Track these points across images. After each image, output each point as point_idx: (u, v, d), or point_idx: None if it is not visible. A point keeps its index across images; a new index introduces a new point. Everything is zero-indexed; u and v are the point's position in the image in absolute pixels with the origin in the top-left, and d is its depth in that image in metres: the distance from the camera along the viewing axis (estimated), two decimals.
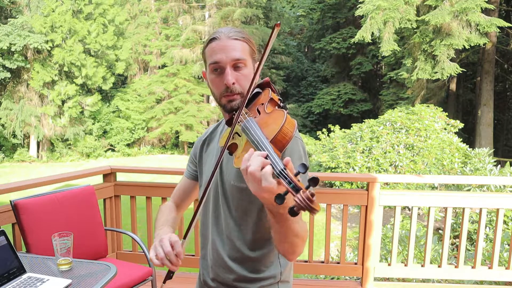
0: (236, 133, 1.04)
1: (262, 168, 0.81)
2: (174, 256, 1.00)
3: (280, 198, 0.76)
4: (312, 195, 0.72)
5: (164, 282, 1.07)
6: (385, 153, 8.27)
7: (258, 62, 1.09)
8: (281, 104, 1.04)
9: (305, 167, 0.77)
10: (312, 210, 0.72)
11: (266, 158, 0.83)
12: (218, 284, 1.19)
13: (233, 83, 1.09)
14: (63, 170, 15.50)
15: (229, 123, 1.10)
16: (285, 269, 1.18)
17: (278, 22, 1.01)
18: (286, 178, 0.77)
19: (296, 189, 0.74)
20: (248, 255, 1.14)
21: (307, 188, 0.74)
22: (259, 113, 1.04)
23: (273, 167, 0.81)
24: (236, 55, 1.09)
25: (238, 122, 1.03)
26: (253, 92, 1.13)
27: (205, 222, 1.24)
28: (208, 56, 1.13)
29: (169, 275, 1.05)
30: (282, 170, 0.79)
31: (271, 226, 0.98)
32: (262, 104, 1.06)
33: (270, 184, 0.80)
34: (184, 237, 1.05)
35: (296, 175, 0.78)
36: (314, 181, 0.73)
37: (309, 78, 26.73)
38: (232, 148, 1.04)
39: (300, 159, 1.10)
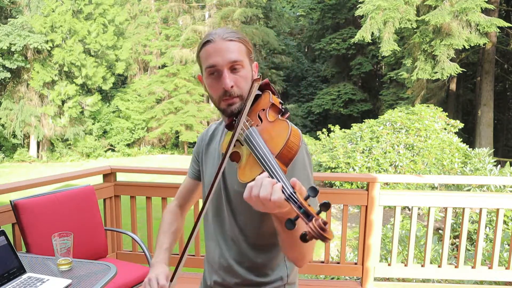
0: (238, 141, 0.99)
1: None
2: None
3: (291, 223, 0.74)
4: (325, 223, 0.69)
5: None
6: (385, 153, 8.26)
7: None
8: (283, 109, 1.01)
9: (315, 191, 0.73)
10: (325, 239, 0.69)
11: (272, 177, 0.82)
12: None
13: (232, 86, 1.05)
14: (63, 170, 15.49)
15: (229, 127, 1.07)
16: (291, 271, 1.17)
17: (258, 76, 1.05)
18: (296, 203, 0.74)
19: (307, 215, 0.72)
20: (254, 259, 1.13)
21: (318, 213, 0.71)
22: (261, 120, 0.99)
23: (282, 190, 0.78)
24: (232, 57, 1.05)
25: (240, 131, 0.99)
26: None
27: (208, 227, 1.23)
28: (204, 59, 1.09)
29: None
30: (292, 194, 0.76)
31: (279, 234, 0.97)
32: (264, 110, 1.01)
33: (280, 199, 0.77)
34: (171, 280, 1.07)
35: (305, 199, 0.74)
36: (325, 206, 0.70)
37: (309, 78, 26.74)
38: (234, 157, 0.99)
39: (305, 168, 1.07)
